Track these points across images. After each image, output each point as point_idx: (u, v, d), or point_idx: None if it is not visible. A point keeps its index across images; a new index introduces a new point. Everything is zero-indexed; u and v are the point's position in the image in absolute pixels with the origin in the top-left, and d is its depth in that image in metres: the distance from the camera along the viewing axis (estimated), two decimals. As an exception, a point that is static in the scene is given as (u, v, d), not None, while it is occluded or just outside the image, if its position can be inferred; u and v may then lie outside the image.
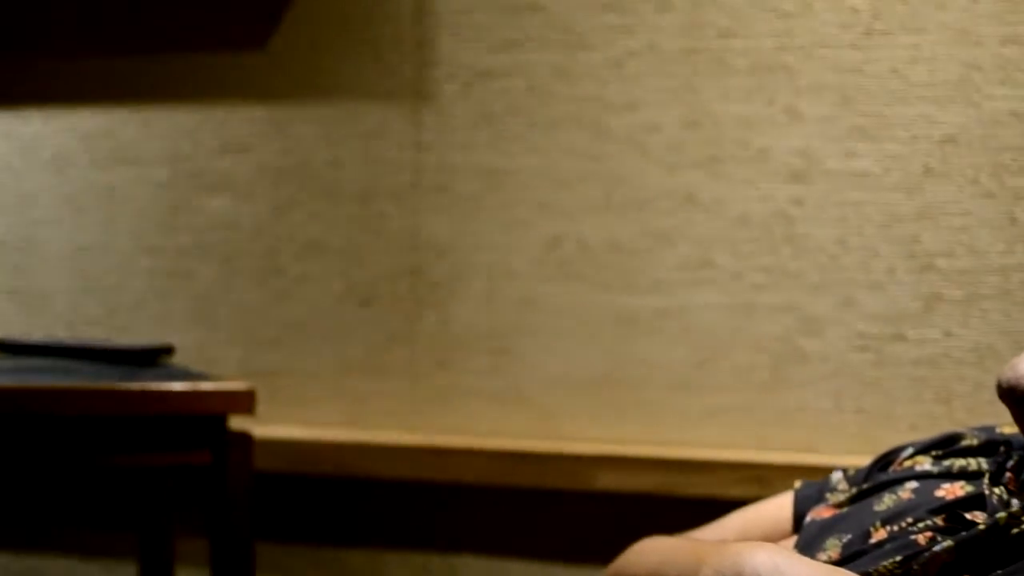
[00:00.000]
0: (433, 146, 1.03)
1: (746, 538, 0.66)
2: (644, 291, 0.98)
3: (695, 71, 0.97)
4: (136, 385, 0.87)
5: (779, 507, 0.68)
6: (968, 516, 0.54)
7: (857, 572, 0.51)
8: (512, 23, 1.02)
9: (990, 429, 0.64)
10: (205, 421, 0.89)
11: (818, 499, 0.66)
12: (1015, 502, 0.54)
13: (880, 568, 0.52)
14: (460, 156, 1.02)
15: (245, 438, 0.91)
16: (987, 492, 0.55)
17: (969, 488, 0.57)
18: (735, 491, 0.91)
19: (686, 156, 0.97)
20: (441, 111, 1.03)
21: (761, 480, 0.91)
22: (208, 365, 1.06)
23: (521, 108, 1.01)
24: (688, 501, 0.92)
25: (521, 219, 1.01)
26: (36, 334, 1.14)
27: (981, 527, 0.52)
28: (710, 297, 0.96)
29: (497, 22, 1.02)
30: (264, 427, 0.96)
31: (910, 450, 0.65)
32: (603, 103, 0.99)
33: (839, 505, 0.62)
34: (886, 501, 0.58)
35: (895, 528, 0.55)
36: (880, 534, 0.55)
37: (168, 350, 0.94)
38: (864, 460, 0.68)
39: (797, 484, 0.70)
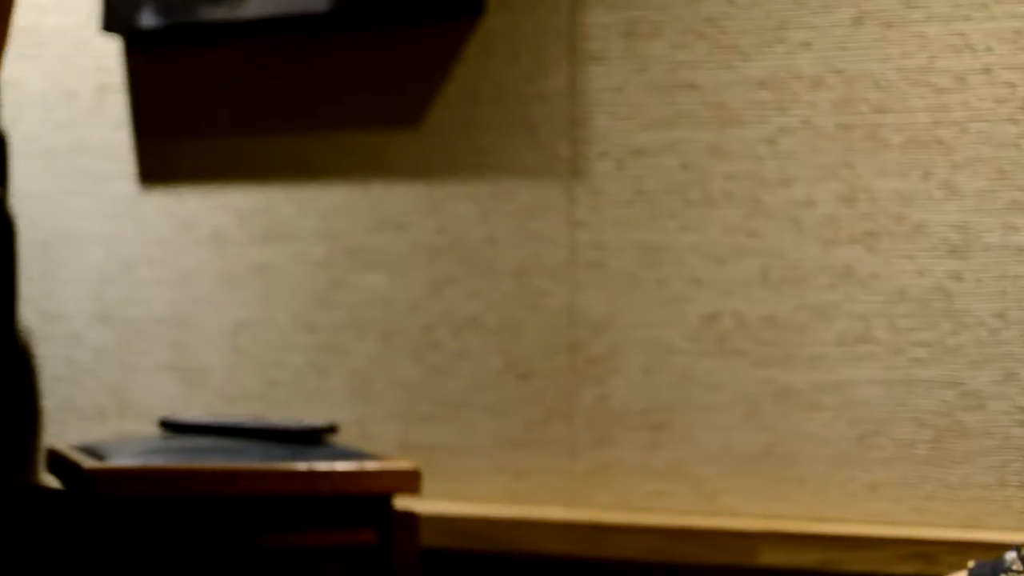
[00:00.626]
0: (588, 223, 1.41)
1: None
2: (802, 366, 1.33)
3: (850, 147, 1.32)
4: (303, 465, 1.21)
5: (953, 587, 0.95)
6: None
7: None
8: (665, 101, 1.39)
9: None
10: (371, 500, 1.26)
11: (992, 580, 0.92)
12: None
13: None
14: (615, 233, 1.40)
15: (411, 517, 1.27)
16: None
17: None
18: (899, 568, 1.24)
19: (842, 231, 1.32)
20: (596, 188, 1.41)
21: (926, 556, 1.24)
22: (366, 441, 1.46)
23: (675, 185, 1.38)
24: (851, 577, 1.26)
25: (678, 295, 1.37)
26: (195, 410, 1.56)
27: None
28: (869, 372, 1.30)
29: (650, 100, 1.39)
30: (423, 503, 1.34)
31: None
32: (758, 179, 1.35)
33: (1014, 585, 0.87)
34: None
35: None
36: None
37: (332, 429, 1.33)
38: (1029, 536, 0.99)
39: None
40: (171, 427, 1.36)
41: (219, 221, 1.57)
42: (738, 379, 1.34)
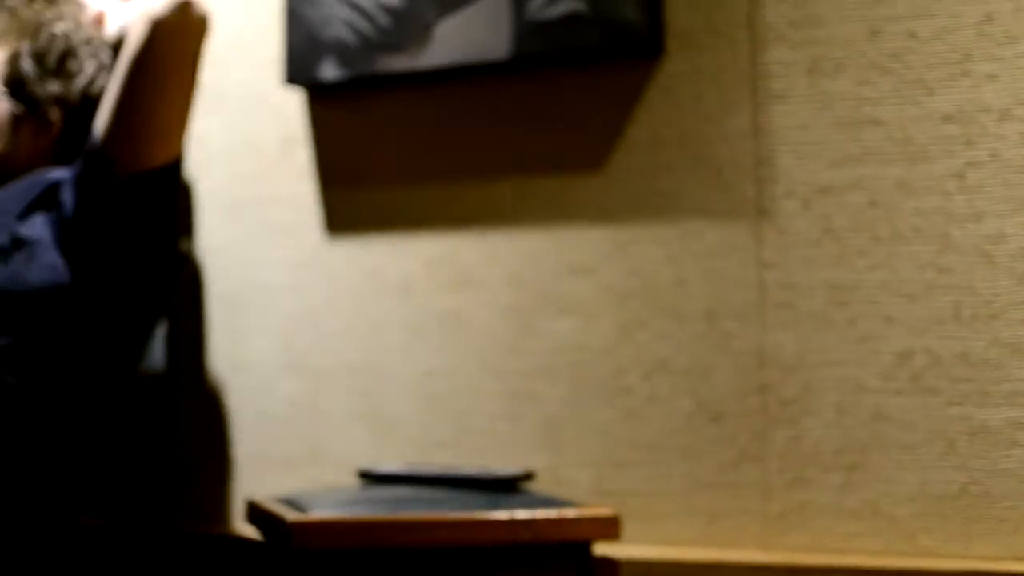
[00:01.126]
0: (776, 263, 1.78)
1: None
2: (998, 403, 1.67)
3: (1040, 180, 1.66)
4: (503, 514, 1.53)
5: None
6: None
7: None
8: (850, 137, 1.75)
9: None
10: (571, 548, 1.62)
11: None
12: None
13: None
14: (804, 272, 1.76)
15: (611, 564, 1.61)
16: None
17: None
18: (1103, 605, 1.58)
19: (1035, 266, 1.66)
20: (782, 227, 1.78)
21: None
22: (560, 487, 1.86)
23: (863, 222, 1.74)
24: (1050, 614, 1.59)
25: (869, 333, 1.73)
26: (387, 458, 1.99)
27: None
28: (1066, 408, 1.64)
29: (835, 137, 1.76)
30: (619, 548, 1.72)
31: None
32: (947, 214, 1.70)
33: None
34: None
35: None
36: None
37: (528, 476, 1.73)
38: None
39: None
40: (369, 477, 1.77)
41: (406, 269, 2.00)
42: (932, 417, 1.69)
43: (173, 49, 1.89)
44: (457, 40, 1.90)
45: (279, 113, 2.09)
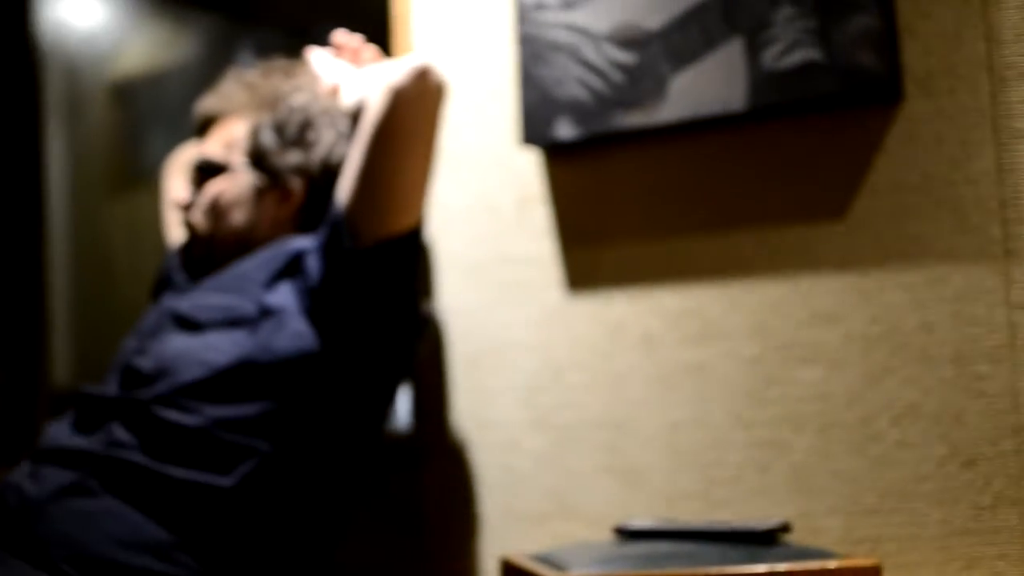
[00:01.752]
0: (1027, 304, 1.88)
1: None
2: None
3: None
4: (763, 567, 1.58)
5: None
6: None
7: None
8: (1099, 174, 1.85)
9: None
10: None
11: None
12: None
13: None
14: (1056, 312, 1.86)
15: None
16: None
17: None
18: None
19: None
20: (1032, 268, 1.88)
21: None
22: (812, 536, 1.98)
23: (1116, 259, 1.83)
24: None
25: None
26: (634, 512, 2.13)
27: None
28: None
29: (1083, 175, 1.86)
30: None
31: None
32: None
33: None
34: None
35: None
36: None
37: (785, 528, 1.85)
38: None
39: None
40: (624, 533, 1.91)
41: (648, 323, 2.15)
42: None
43: (413, 117, 2.07)
44: (692, 94, 2.04)
45: (516, 173, 2.26)
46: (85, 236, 3.80)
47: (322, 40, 2.33)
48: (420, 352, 2.26)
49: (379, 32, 2.43)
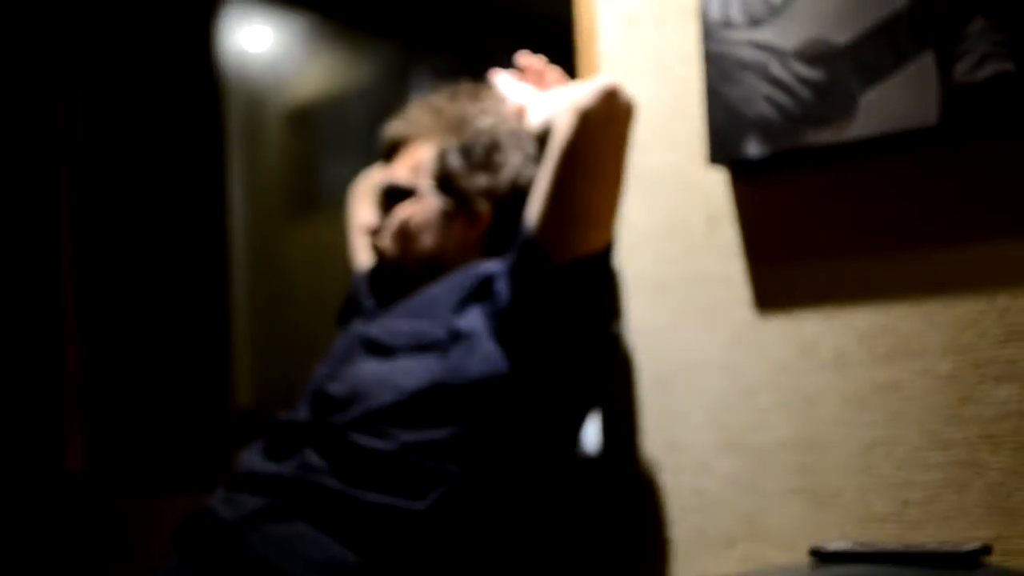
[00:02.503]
0: None
1: None
2: None
3: None
4: None
5: None
6: None
7: None
8: None
9: None
10: None
11: None
12: None
13: None
14: None
15: None
16: None
17: None
18: None
19: None
20: None
21: None
22: (1009, 558, 2.01)
23: None
24: None
25: None
26: (826, 534, 2.18)
27: None
28: None
29: None
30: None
31: None
32: None
33: None
34: None
35: None
36: None
37: (987, 550, 1.88)
38: None
39: None
40: (821, 556, 1.94)
41: (840, 342, 2.19)
42: None
43: (602, 138, 2.14)
44: (883, 109, 2.08)
45: (704, 193, 2.32)
46: (264, 261, 3.94)
47: (503, 63, 2.41)
48: (610, 374, 2.33)
49: (561, 54, 2.52)
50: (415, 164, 2.37)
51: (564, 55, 2.53)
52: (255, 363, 3.91)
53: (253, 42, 4.00)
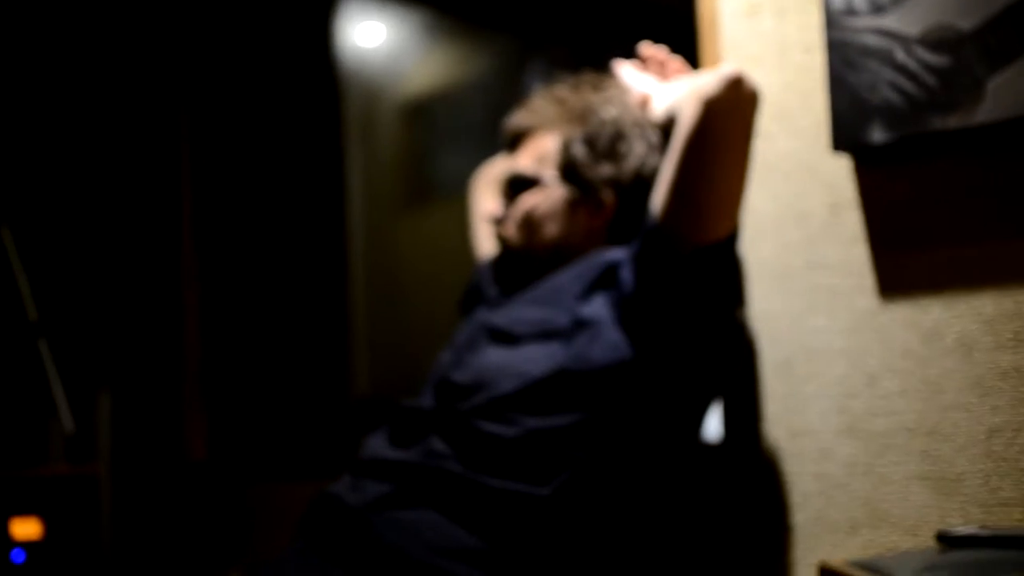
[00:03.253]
0: None
1: None
2: None
3: None
4: None
5: None
6: None
7: None
8: None
9: None
10: None
11: None
12: None
13: None
14: None
15: None
16: None
17: None
18: None
19: None
20: None
21: None
22: None
23: None
24: None
25: None
26: (949, 520, 2.19)
27: None
28: None
29: None
30: None
31: None
32: None
33: None
34: None
35: None
36: None
37: (1109, 531, 1.88)
38: None
39: None
40: (947, 540, 1.95)
41: (965, 328, 2.20)
42: None
43: (727, 126, 2.17)
44: (1010, 94, 2.08)
45: (826, 180, 2.34)
46: (380, 251, 4.00)
47: (622, 56, 2.44)
48: (734, 361, 2.36)
49: (683, 44, 2.54)
50: (539, 154, 2.41)
51: (685, 46, 2.55)
52: (373, 352, 3.97)
53: (369, 38, 4.06)
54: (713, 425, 2.44)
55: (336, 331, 3.77)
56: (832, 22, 2.28)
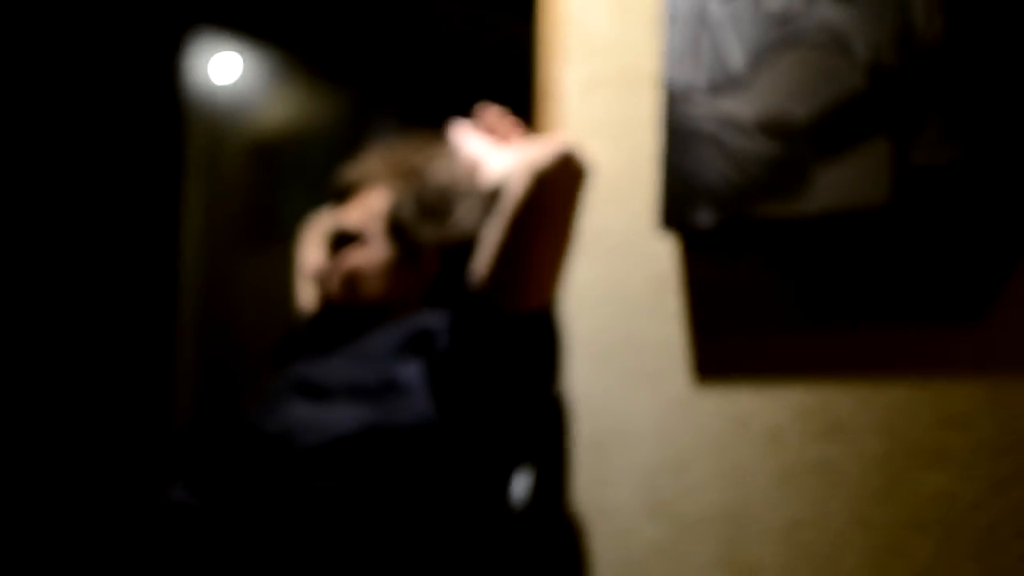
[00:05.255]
0: None
1: None
2: None
3: None
4: None
5: None
6: None
7: None
8: None
9: None
10: None
11: None
12: None
13: None
14: None
15: None
16: None
17: None
18: None
19: None
20: None
21: None
22: (928, 644, 2.04)
23: None
24: None
25: None
26: (749, 608, 2.20)
27: None
28: None
29: None
30: None
31: None
32: None
33: None
34: None
35: None
36: None
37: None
38: None
39: None
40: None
41: (775, 418, 2.22)
42: None
43: (554, 199, 2.17)
44: (836, 187, 2.11)
45: (651, 258, 2.35)
46: (216, 292, 3.95)
47: (464, 114, 2.44)
48: (545, 432, 2.35)
49: (522, 109, 2.55)
50: (367, 210, 2.40)
51: (524, 111, 2.56)
52: (198, 398, 3.91)
53: (220, 74, 4.03)
54: (520, 492, 2.43)
55: (160, 372, 3.70)
56: (669, 102, 2.30)
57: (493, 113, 2.40)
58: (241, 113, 4.18)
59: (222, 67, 4.12)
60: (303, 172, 4.15)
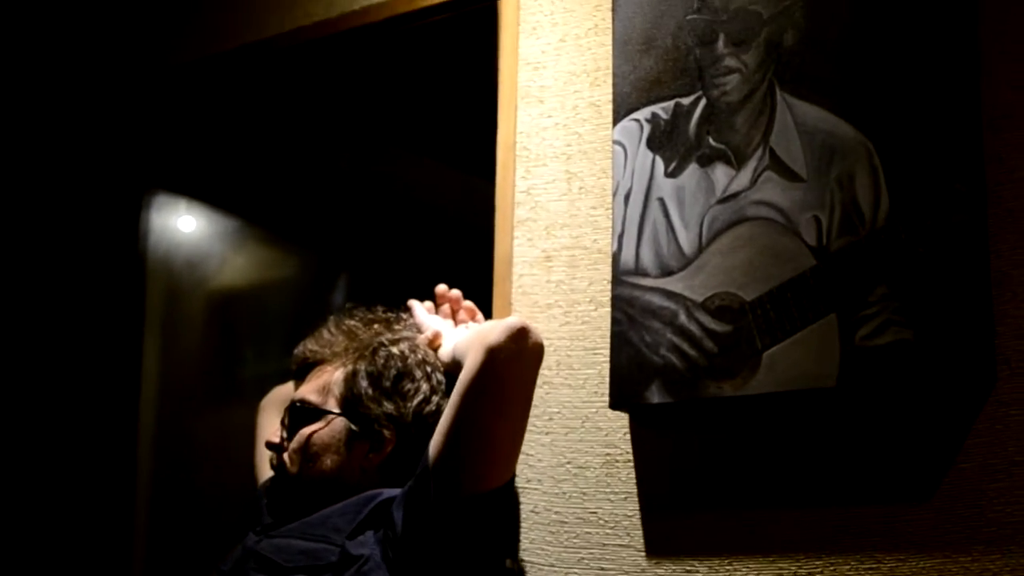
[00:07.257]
0: None
1: None
2: None
3: None
4: None
5: None
6: None
7: None
8: None
9: None
10: None
11: None
12: None
13: None
14: None
15: None
16: None
17: None
18: None
19: None
20: None
21: None
22: None
23: None
24: None
25: None
26: None
27: None
28: None
29: None
30: None
31: None
32: None
33: None
34: None
35: None
36: None
37: None
38: None
39: None
40: None
41: (728, 595, 2.22)
42: None
43: (509, 375, 2.18)
44: (784, 367, 2.12)
45: (604, 434, 2.36)
46: (174, 447, 3.93)
47: (420, 291, 2.46)
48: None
49: (479, 288, 2.57)
50: (324, 384, 2.40)
51: (480, 290, 2.58)
52: (154, 544, 3.87)
53: (181, 229, 4.04)
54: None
55: (117, 525, 3.66)
56: (620, 279, 2.32)
57: (450, 292, 2.43)
58: (200, 267, 4.18)
59: (184, 224, 4.13)
60: (266, 331, 4.15)
